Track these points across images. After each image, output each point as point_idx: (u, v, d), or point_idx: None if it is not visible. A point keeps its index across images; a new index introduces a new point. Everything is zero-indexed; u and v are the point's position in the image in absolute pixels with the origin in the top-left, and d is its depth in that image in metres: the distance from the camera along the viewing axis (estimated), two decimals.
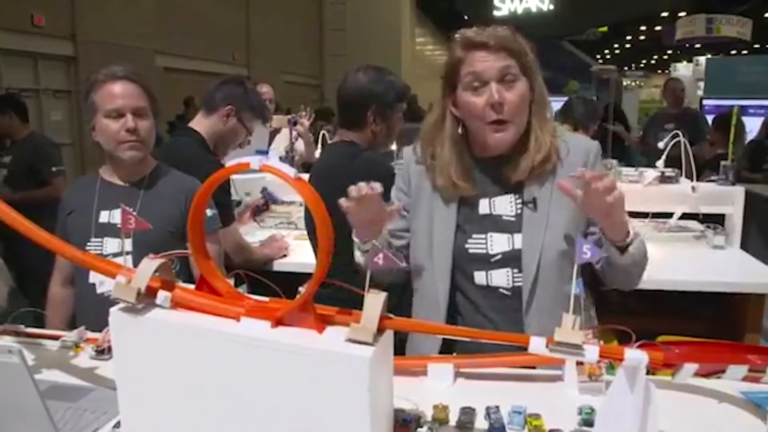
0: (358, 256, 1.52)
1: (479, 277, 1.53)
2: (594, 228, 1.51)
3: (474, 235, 1.54)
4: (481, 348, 1.37)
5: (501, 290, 1.53)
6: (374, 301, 0.97)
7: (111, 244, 1.91)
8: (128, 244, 1.87)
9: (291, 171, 0.97)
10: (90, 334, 1.60)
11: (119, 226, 1.18)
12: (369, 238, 1.46)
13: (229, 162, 1.02)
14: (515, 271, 1.51)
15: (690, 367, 0.96)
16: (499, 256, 1.52)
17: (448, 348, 1.54)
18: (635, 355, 0.94)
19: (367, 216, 1.36)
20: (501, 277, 1.52)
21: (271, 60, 13.32)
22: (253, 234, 3.15)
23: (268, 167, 0.97)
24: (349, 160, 2.18)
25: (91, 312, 1.84)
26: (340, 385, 0.93)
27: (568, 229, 1.50)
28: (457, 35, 1.50)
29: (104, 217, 1.93)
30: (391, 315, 1.01)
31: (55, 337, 1.61)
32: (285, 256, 2.74)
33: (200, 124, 2.58)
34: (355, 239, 1.49)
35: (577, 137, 1.62)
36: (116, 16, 8.72)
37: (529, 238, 1.50)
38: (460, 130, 1.55)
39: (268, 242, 2.79)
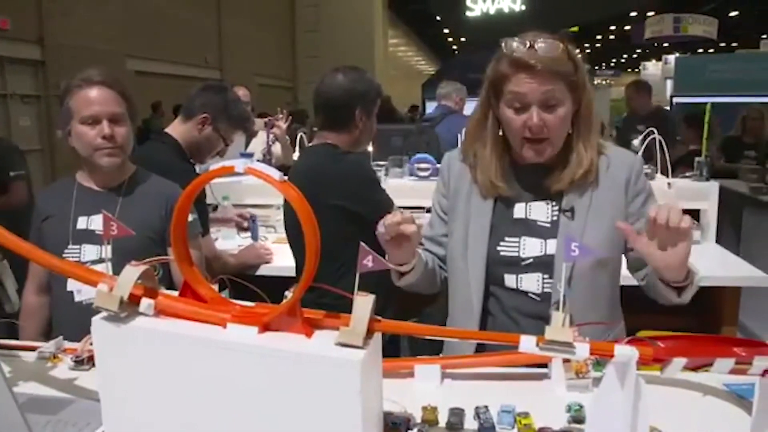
0: (395, 280, 1.54)
1: (509, 280, 1.53)
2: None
3: (507, 238, 1.53)
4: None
5: (531, 295, 1.52)
6: (363, 303, 0.97)
7: (90, 251, 1.87)
8: (108, 251, 1.84)
9: (276, 174, 0.96)
10: (68, 344, 1.56)
11: (98, 232, 1.16)
12: (402, 260, 1.47)
13: (213, 165, 1.00)
14: (546, 276, 1.50)
15: (679, 362, 0.97)
16: (531, 260, 1.51)
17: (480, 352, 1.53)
18: (625, 351, 0.94)
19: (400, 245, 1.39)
20: (531, 282, 1.51)
21: (244, 62, 13.25)
22: (232, 237, 3.12)
23: (254, 170, 0.96)
24: (333, 163, 2.16)
25: (69, 321, 1.80)
26: (331, 390, 0.92)
27: (604, 242, 1.48)
28: (504, 46, 1.44)
29: (82, 223, 1.90)
30: (380, 317, 1.00)
31: (32, 348, 1.56)
32: (268, 262, 2.72)
33: (176, 129, 2.53)
34: (390, 265, 1.47)
35: (620, 151, 1.59)
36: (85, 19, 8.60)
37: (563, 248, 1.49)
38: (500, 133, 1.54)
39: (249, 250, 2.76)
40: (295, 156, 3.90)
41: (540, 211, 1.53)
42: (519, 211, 1.54)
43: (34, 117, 8.37)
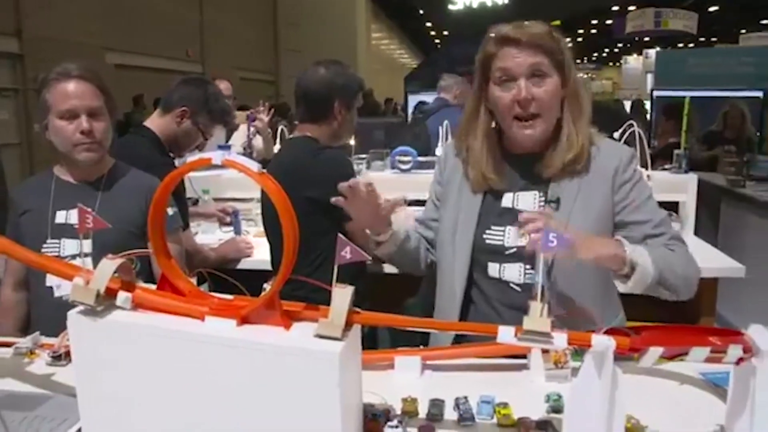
0: (372, 249, 1.56)
1: (493, 269, 1.55)
2: (622, 231, 1.53)
3: (493, 227, 1.56)
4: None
5: (512, 285, 1.53)
6: (342, 295, 0.97)
7: (69, 246, 1.85)
8: (87, 245, 1.81)
9: (254, 166, 0.95)
10: (45, 340, 1.55)
11: (77, 226, 1.14)
12: (379, 229, 1.51)
13: (190, 158, 1.00)
14: (528, 267, 1.52)
15: (655, 351, 0.97)
16: (514, 250, 1.53)
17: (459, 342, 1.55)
18: (602, 341, 0.95)
19: (366, 209, 1.42)
20: (513, 272, 1.53)
21: (226, 56, 13.15)
22: (213, 231, 3.11)
23: (232, 162, 0.95)
24: (311, 156, 2.17)
25: (48, 317, 1.78)
26: (310, 382, 0.92)
27: (589, 232, 1.47)
28: (492, 31, 1.49)
29: (61, 217, 1.88)
30: (359, 309, 1.00)
31: (8, 344, 1.54)
32: (248, 256, 2.71)
33: (155, 122, 2.51)
34: (368, 232, 1.52)
35: (611, 143, 1.61)
36: (64, 12, 8.50)
37: None
38: (493, 125, 1.56)
39: (229, 243, 2.74)
40: (276, 149, 3.88)
41: (527, 201, 1.55)
42: (507, 200, 1.56)
43: (12, 111, 8.26)
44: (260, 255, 2.67)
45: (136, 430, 1.03)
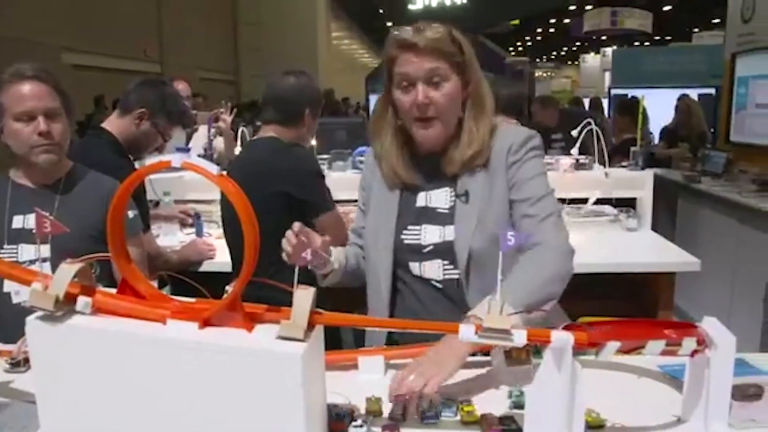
0: (320, 281, 1.57)
1: (414, 268, 1.57)
2: (515, 208, 1.54)
3: (409, 227, 1.58)
4: (425, 339, 1.38)
5: (433, 282, 1.56)
6: (304, 297, 0.97)
7: (26, 251, 1.81)
8: (46, 250, 1.77)
9: (214, 168, 0.95)
10: (3, 347, 1.52)
11: (35, 231, 1.12)
12: (320, 267, 1.53)
13: (151, 161, 0.99)
14: (446, 263, 1.54)
15: (613, 345, 1.00)
16: (431, 247, 1.55)
17: (394, 339, 1.58)
18: (562, 337, 0.97)
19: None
20: (433, 269, 1.55)
21: (185, 56, 12.98)
22: (174, 234, 3.07)
23: (190, 165, 0.95)
24: (280, 153, 2.24)
25: (7, 324, 1.72)
26: (273, 383, 0.92)
27: (498, 220, 1.52)
28: (394, 32, 1.52)
29: (18, 222, 1.84)
30: (321, 310, 1.01)
31: None
32: (210, 258, 2.69)
33: (113, 124, 2.47)
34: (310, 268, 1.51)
35: (510, 128, 1.64)
36: (18, 10, 8.28)
37: (461, 230, 1.53)
38: (399, 122, 1.58)
39: (191, 246, 2.71)
40: (237, 150, 3.85)
41: (440, 199, 1.58)
42: (420, 200, 1.59)
43: None
44: (222, 257, 2.65)
45: None
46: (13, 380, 1.39)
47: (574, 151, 3.23)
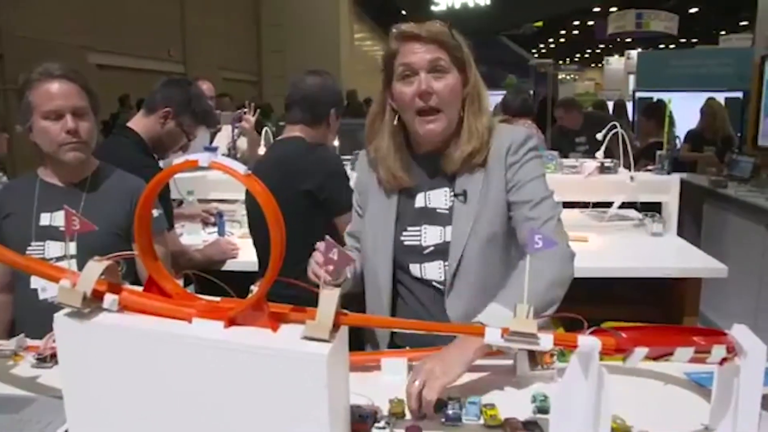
0: None
1: (414, 269, 1.57)
2: (514, 210, 1.53)
3: (409, 228, 1.58)
4: (433, 341, 1.38)
5: (434, 283, 1.55)
6: (329, 297, 0.97)
7: (53, 248, 1.84)
8: (72, 248, 1.80)
9: (241, 168, 0.95)
10: (30, 342, 1.54)
11: (62, 228, 1.14)
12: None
13: (176, 160, 0.99)
14: (446, 264, 1.53)
15: (640, 351, 0.98)
16: (432, 248, 1.55)
17: (398, 341, 1.57)
18: (588, 342, 0.96)
19: None
20: (434, 270, 1.55)
21: (209, 56, 13.05)
22: (197, 233, 3.09)
23: (218, 164, 0.95)
24: (305, 153, 2.26)
25: (33, 320, 1.76)
26: (298, 384, 0.92)
27: (494, 219, 1.52)
28: (394, 29, 1.53)
29: (45, 219, 1.86)
30: (346, 311, 1.00)
31: None
32: (234, 257, 2.70)
33: (138, 123, 2.50)
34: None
35: (508, 128, 1.65)
36: (45, 11, 8.37)
37: (458, 229, 1.52)
38: (396, 122, 1.58)
39: (214, 245, 2.73)
40: (261, 151, 3.85)
41: (438, 199, 1.57)
42: (419, 200, 1.59)
43: None
44: (245, 256, 2.66)
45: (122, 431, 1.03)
46: (39, 375, 1.41)
47: (599, 154, 3.19)
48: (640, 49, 15.00)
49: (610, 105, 8.96)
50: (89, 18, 9.38)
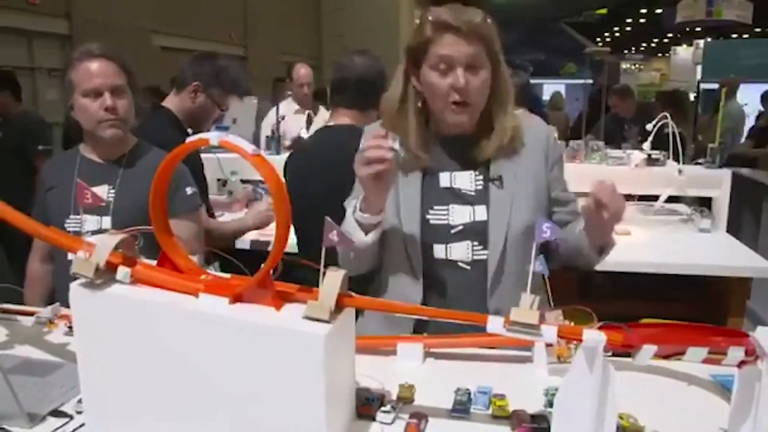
0: (362, 236, 1.45)
1: (438, 250, 1.53)
2: (558, 209, 1.60)
3: (435, 206, 1.54)
4: (459, 328, 1.36)
5: (460, 263, 1.52)
6: (333, 278, 0.97)
7: (90, 222, 1.89)
8: (107, 222, 1.86)
9: (249, 147, 0.96)
10: (64, 311, 1.60)
11: (100, 203, 1.18)
12: (380, 198, 1.43)
13: (190, 138, 1.01)
14: (475, 244, 1.51)
15: (649, 349, 0.95)
16: (460, 227, 1.52)
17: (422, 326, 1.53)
18: (593, 336, 0.93)
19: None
20: (461, 250, 1.52)
21: (269, 40, 13.19)
22: (236, 214, 3.14)
23: (226, 143, 0.96)
24: (357, 142, 2.17)
25: (68, 289, 1.83)
26: (296, 363, 0.93)
27: (531, 207, 1.52)
28: (429, 15, 1.49)
29: None
30: (352, 293, 1.00)
31: (30, 313, 1.61)
32: (270, 221, 2.66)
33: (171, 101, 2.59)
34: (361, 216, 1.44)
35: (534, 119, 1.65)
36: None
37: (496, 214, 1.50)
38: (419, 104, 1.55)
39: (251, 211, 2.75)
40: (303, 132, 3.82)
41: (464, 181, 1.55)
42: (444, 180, 1.56)
43: (60, 91, 8.39)
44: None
45: (129, 399, 1.06)
46: (69, 343, 1.47)
47: (646, 145, 3.10)
48: (709, 39, 14.46)
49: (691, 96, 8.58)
50: (154, 1, 9.59)
